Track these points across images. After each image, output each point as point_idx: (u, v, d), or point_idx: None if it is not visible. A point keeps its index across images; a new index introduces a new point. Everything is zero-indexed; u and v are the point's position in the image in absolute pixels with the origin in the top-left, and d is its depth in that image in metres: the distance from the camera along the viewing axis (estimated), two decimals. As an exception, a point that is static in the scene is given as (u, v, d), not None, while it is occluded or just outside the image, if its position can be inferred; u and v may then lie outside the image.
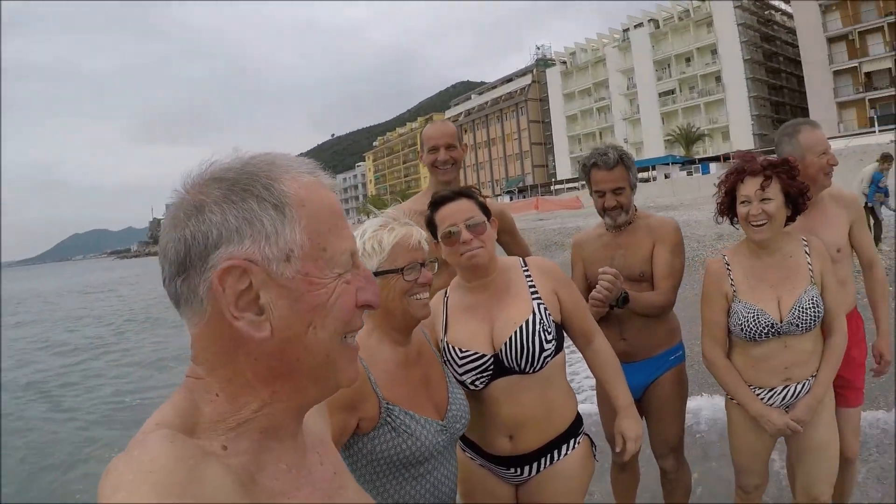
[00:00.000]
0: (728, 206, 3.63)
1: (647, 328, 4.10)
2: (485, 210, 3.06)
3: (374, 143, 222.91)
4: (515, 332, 2.92)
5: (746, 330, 3.49)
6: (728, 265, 3.66)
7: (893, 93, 73.89)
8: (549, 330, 2.96)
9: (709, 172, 70.59)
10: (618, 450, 3.16)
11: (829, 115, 77.27)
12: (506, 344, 2.92)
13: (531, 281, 3.09)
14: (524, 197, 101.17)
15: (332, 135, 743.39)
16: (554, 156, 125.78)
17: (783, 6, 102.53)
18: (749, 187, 3.43)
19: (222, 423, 1.10)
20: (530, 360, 2.90)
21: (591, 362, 3.26)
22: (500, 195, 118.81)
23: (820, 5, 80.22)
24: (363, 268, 1.19)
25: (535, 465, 3.02)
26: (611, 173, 4.05)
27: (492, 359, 2.94)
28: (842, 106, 79.29)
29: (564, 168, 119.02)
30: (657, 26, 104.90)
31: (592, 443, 3.23)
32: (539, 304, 3.00)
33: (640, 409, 4.11)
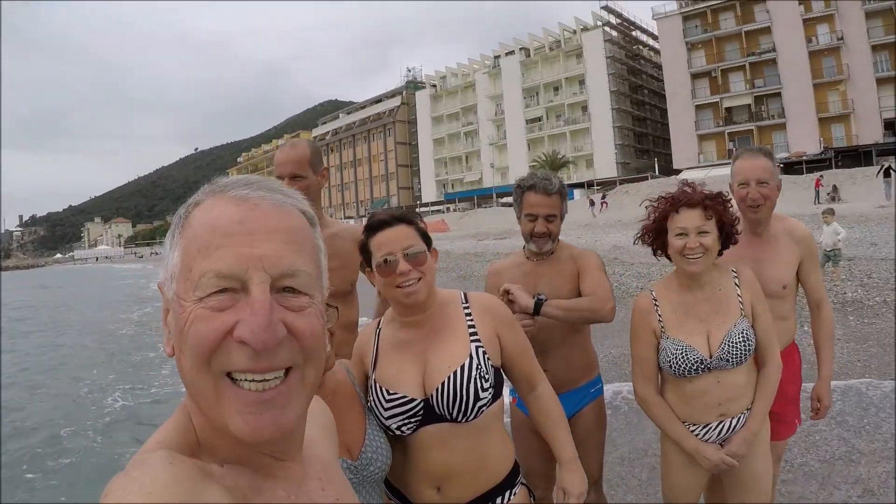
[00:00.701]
0: (655, 235, 3.53)
1: (569, 359, 4.03)
2: (425, 237, 2.86)
3: (239, 160, 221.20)
4: (449, 378, 2.72)
5: (675, 367, 3.38)
6: (656, 300, 3.56)
7: (751, 127, 79.67)
8: (487, 377, 2.75)
9: (573, 198, 72.30)
10: (559, 501, 2.96)
11: (690, 146, 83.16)
12: (437, 389, 2.72)
13: (470, 320, 2.89)
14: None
15: (196, 149, 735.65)
16: (420, 178, 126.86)
17: (651, 42, 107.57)
18: (687, 219, 3.33)
19: (211, 443, 1.12)
20: (463, 408, 2.70)
21: (532, 409, 3.08)
22: (363, 216, 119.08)
23: (686, 43, 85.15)
24: (258, 297, 1.07)
25: None
26: (548, 199, 3.99)
27: (421, 403, 2.75)
28: (702, 138, 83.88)
29: (430, 190, 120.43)
30: (528, 55, 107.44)
31: (531, 492, 3.03)
32: (478, 347, 2.80)
33: None
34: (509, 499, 2.87)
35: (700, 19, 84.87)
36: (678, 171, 79.43)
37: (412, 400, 2.74)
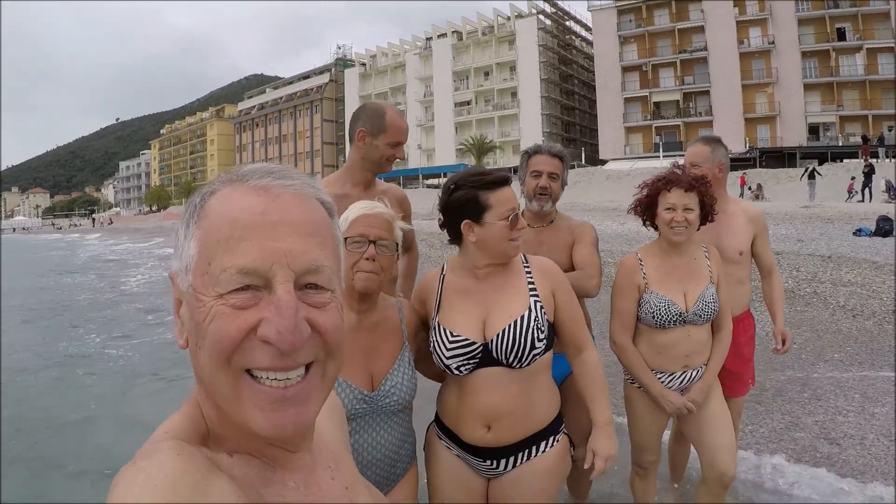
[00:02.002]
0: (646, 207, 4.03)
1: None
2: None
3: (162, 131, 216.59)
4: (509, 325, 2.90)
5: (658, 317, 3.86)
6: (641, 261, 4.02)
7: (679, 122, 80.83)
8: (543, 328, 2.93)
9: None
10: (586, 466, 3.08)
11: (618, 138, 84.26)
12: (497, 335, 2.90)
13: (531, 278, 3.07)
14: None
15: (117, 119, 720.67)
16: (345, 156, 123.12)
17: (584, 33, 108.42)
18: (676, 197, 3.84)
19: (221, 433, 1.11)
20: (519, 355, 2.88)
21: (577, 373, 3.18)
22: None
23: (620, 36, 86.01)
24: (284, 296, 1.04)
25: (511, 460, 3.02)
26: (552, 159, 4.30)
27: (481, 347, 2.92)
28: (630, 130, 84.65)
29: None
30: (460, 38, 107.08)
31: (571, 442, 3.23)
32: (536, 302, 2.98)
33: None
34: (552, 444, 3.03)
35: (635, 14, 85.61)
36: (604, 162, 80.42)
37: (472, 343, 2.90)
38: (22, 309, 18.38)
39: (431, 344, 3.01)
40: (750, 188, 49.38)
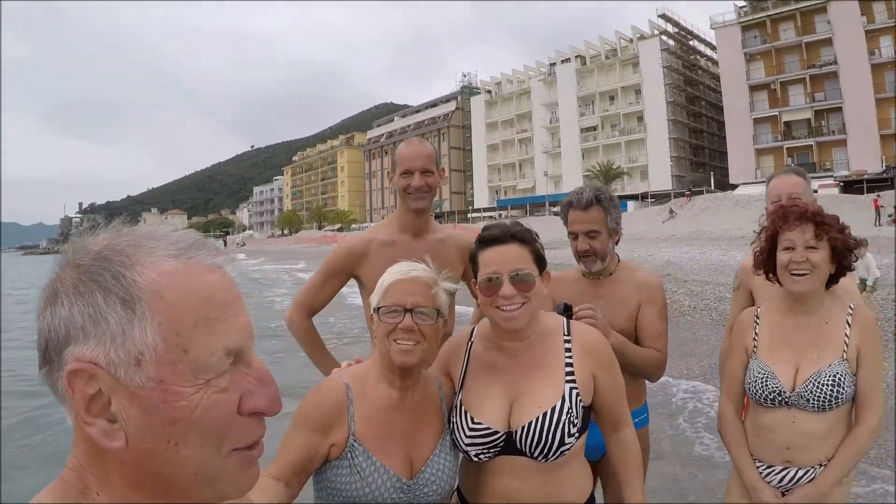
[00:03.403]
0: (768, 256, 3.30)
1: None
2: (539, 260, 2.74)
3: (294, 158, 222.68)
4: (537, 419, 2.60)
5: (753, 391, 3.19)
6: (757, 318, 3.37)
7: (811, 142, 77.60)
8: (576, 421, 2.63)
9: (626, 209, 71.37)
10: None
11: (748, 160, 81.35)
12: (523, 427, 2.61)
13: (569, 356, 2.73)
14: (441, 222, 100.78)
15: (252, 146, 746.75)
16: (472, 184, 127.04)
17: (709, 52, 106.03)
18: (797, 233, 3.13)
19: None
20: (545, 451, 2.58)
21: (612, 451, 2.90)
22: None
23: (745, 54, 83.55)
24: (257, 365, 1.01)
25: None
26: (585, 214, 3.76)
27: (504, 437, 2.64)
28: (760, 153, 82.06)
29: (482, 196, 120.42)
30: (584, 63, 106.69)
31: None
32: (572, 389, 2.67)
33: (595, 472, 3.61)
34: None
35: (759, 29, 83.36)
36: (734, 186, 78.76)
37: (495, 432, 2.64)
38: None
39: (451, 424, 2.76)
40: (888, 213, 46.46)
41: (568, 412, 2.59)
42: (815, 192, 4.43)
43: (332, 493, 2.51)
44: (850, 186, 65.00)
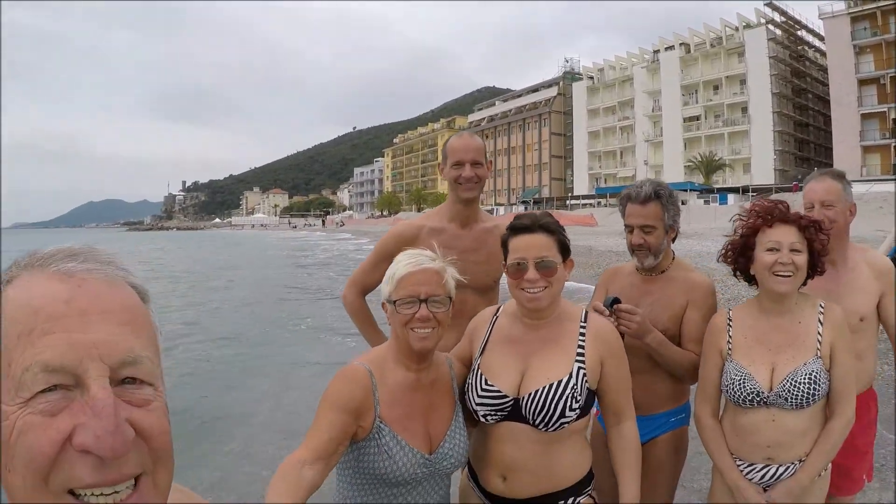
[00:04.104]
0: (740, 251, 3.35)
1: (652, 383, 3.75)
2: (563, 248, 2.94)
3: (395, 140, 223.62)
4: (543, 388, 2.80)
5: (731, 393, 3.24)
6: (730, 321, 3.40)
7: None
8: (579, 398, 2.80)
9: (726, 203, 70.51)
10: None
11: (853, 157, 77.91)
12: (529, 395, 2.80)
13: (582, 339, 2.93)
14: (539, 208, 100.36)
15: (354, 128, 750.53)
16: (573, 170, 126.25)
17: (817, 43, 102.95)
18: (782, 234, 3.16)
19: None
20: (546, 420, 2.76)
21: (612, 443, 3.06)
22: (514, 204, 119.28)
23: (854, 46, 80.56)
24: (101, 395, 0.88)
25: None
26: (642, 208, 3.72)
27: (511, 402, 2.84)
28: (866, 150, 79.50)
29: (582, 183, 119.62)
30: (688, 51, 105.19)
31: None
32: (580, 368, 2.86)
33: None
34: None
35: (869, 21, 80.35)
36: (839, 182, 76.15)
37: (504, 396, 2.83)
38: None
39: (466, 384, 2.95)
40: None
41: (572, 388, 2.78)
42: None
43: (358, 472, 2.70)
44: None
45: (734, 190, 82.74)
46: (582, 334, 2.94)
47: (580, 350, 2.89)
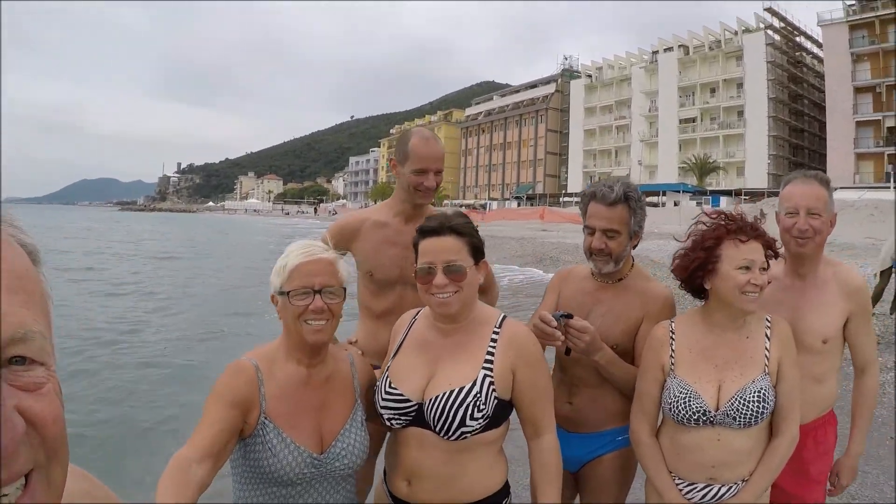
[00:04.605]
0: (700, 265, 3.04)
1: (600, 398, 3.54)
2: (475, 251, 2.82)
3: (392, 131, 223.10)
4: (444, 394, 2.69)
5: (675, 411, 3.00)
6: (673, 333, 3.16)
7: None
8: (483, 407, 2.67)
9: (718, 205, 70.23)
10: None
11: (847, 164, 78.72)
12: (431, 399, 2.70)
13: (493, 346, 2.80)
14: (532, 204, 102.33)
15: (352, 116, 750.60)
16: (567, 168, 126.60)
17: (815, 50, 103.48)
18: (753, 252, 2.95)
19: None
20: (446, 428, 2.65)
21: (530, 456, 2.90)
22: (507, 199, 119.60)
23: (852, 53, 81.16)
24: None
25: None
26: (608, 210, 3.39)
27: (416, 406, 2.74)
28: (860, 157, 79.98)
29: (576, 181, 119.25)
30: (686, 52, 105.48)
31: None
32: (486, 376, 2.72)
33: (574, 485, 3.70)
34: None
35: (868, 29, 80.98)
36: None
37: (407, 400, 2.75)
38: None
39: (375, 388, 2.89)
40: None
41: (475, 396, 2.66)
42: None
43: (246, 471, 2.61)
44: (950, 201, 62.98)
45: (727, 192, 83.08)
46: (493, 340, 2.83)
47: (489, 357, 2.78)
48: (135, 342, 14.41)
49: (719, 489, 2.99)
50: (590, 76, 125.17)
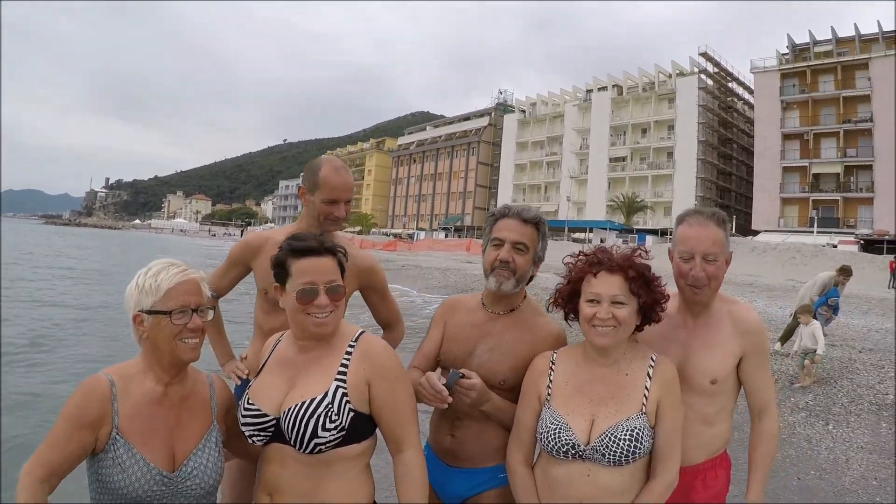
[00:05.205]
0: (568, 298, 3.10)
1: (484, 433, 3.38)
2: (342, 270, 2.91)
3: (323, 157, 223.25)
4: (297, 405, 2.71)
5: (546, 442, 2.94)
6: (553, 364, 3.13)
7: (837, 197, 77.29)
8: (335, 419, 2.69)
9: (644, 242, 71.02)
10: None
11: (773, 208, 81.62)
12: (285, 412, 2.73)
13: (347, 359, 2.84)
14: (459, 236, 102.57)
15: (285, 140, 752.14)
16: (497, 201, 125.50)
17: (746, 96, 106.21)
18: (602, 285, 2.94)
19: None
20: (300, 439, 2.67)
21: (395, 472, 2.86)
22: (436, 230, 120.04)
23: (782, 101, 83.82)
24: None
25: None
26: (521, 225, 3.38)
27: (274, 421, 2.78)
28: (786, 202, 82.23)
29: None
30: (620, 93, 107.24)
31: None
32: (338, 387, 2.76)
33: None
34: None
35: (798, 78, 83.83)
36: (756, 233, 78.80)
37: (265, 416, 2.77)
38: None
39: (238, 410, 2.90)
40: None
41: (327, 406, 2.68)
42: (835, 246, 3.51)
43: (98, 487, 2.57)
44: (871, 245, 64.66)
45: (653, 231, 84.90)
46: (348, 353, 2.85)
47: (342, 369, 2.80)
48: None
49: None
50: (524, 111, 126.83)
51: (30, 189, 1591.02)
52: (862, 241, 66.26)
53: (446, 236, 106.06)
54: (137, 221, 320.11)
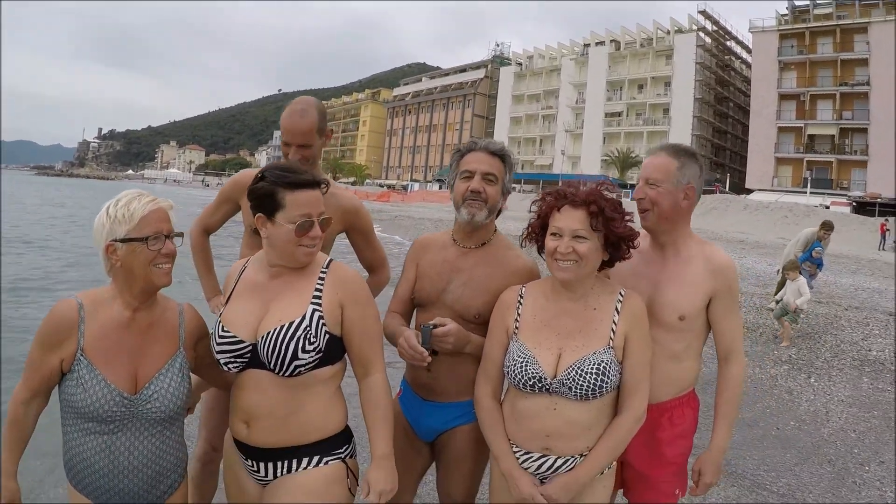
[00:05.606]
0: (538, 232, 3.12)
1: (458, 367, 3.43)
2: None
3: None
4: (275, 329, 2.80)
5: (513, 375, 3.00)
6: (521, 297, 3.17)
7: (831, 159, 77.31)
8: (313, 341, 2.79)
9: (631, 199, 71.22)
10: (364, 497, 2.88)
11: (767, 168, 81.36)
12: (263, 337, 2.81)
13: (321, 284, 2.93)
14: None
15: (280, 90, 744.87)
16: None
17: (744, 55, 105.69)
18: (564, 219, 2.95)
19: None
20: (280, 362, 2.77)
21: (361, 396, 3.00)
22: (429, 182, 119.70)
23: (779, 62, 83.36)
24: None
25: (269, 466, 2.91)
26: (489, 157, 3.45)
27: (250, 347, 2.86)
28: (780, 161, 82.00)
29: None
30: (617, 48, 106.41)
31: (352, 474, 3.01)
32: (315, 311, 2.86)
33: (431, 455, 3.66)
34: (317, 465, 2.89)
35: (797, 39, 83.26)
36: (749, 191, 78.81)
37: (241, 342, 2.84)
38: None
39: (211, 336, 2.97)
40: (893, 239, 45.86)
41: (305, 329, 2.78)
42: (827, 207, 3.46)
43: (65, 407, 2.73)
44: (863, 207, 64.75)
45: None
46: (321, 279, 2.93)
47: (317, 294, 2.89)
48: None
49: (555, 461, 2.97)
50: (520, 64, 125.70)
51: (21, 140, 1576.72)
52: (854, 203, 66.30)
53: (440, 188, 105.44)
54: (130, 172, 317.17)
